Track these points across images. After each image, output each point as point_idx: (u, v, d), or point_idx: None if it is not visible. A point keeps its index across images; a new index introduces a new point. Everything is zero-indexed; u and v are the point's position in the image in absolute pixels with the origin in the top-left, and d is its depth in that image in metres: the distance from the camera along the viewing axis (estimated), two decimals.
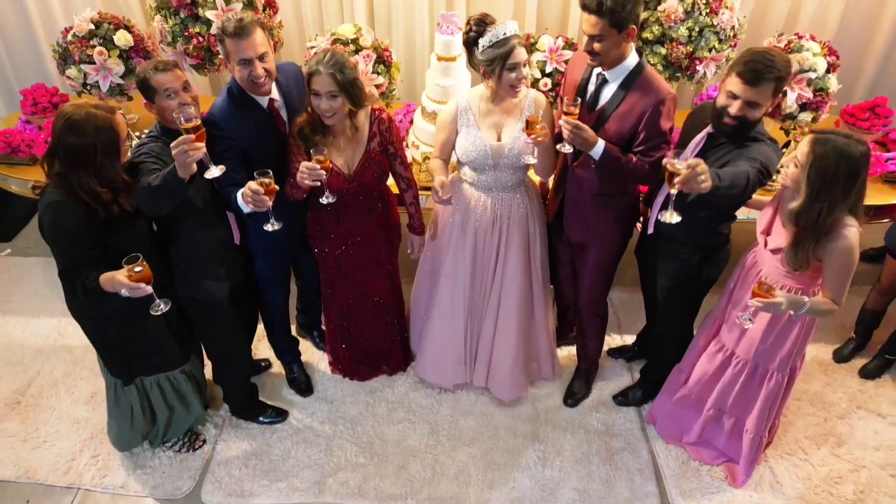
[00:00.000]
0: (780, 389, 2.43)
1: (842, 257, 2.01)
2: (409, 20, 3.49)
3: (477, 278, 2.78)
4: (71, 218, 2.03)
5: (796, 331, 2.28)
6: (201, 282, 2.43)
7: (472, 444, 2.86)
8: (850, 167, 1.92)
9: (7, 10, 3.78)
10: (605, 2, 2.06)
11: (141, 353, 2.43)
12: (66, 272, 2.07)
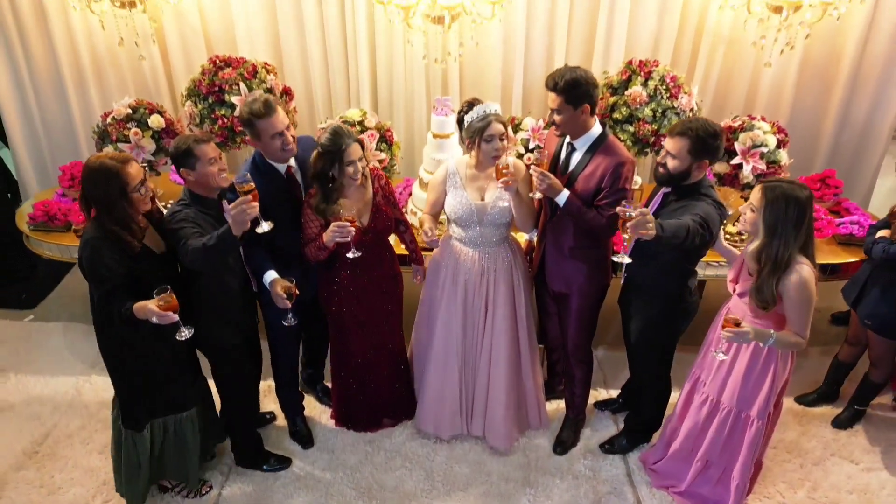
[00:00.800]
0: (760, 437, 2.61)
1: (799, 291, 2.27)
2: (408, 104, 3.96)
3: (468, 329, 3.02)
4: (103, 252, 2.30)
5: (771, 373, 2.49)
6: (218, 325, 2.68)
7: (465, 490, 3.01)
8: (798, 207, 2.23)
9: (50, 97, 4.25)
10: (560, 83, 2.47)
11: (159, 390, 2.62)
12: (101, 301, 2.33)
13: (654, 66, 3.44)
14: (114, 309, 2.30)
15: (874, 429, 3.33)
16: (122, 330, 2.38)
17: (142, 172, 2.39)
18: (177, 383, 2.67)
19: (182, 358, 2.65)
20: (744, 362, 2.52)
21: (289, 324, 2.56)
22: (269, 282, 2.57)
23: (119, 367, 2.59)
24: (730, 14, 3.79)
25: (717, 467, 2.76)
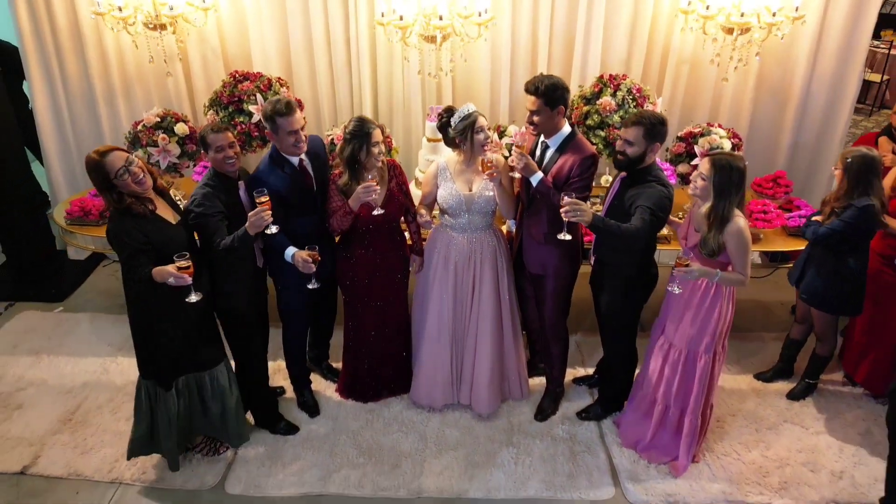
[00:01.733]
0: (708, 370, 3.00)
1: (738, 237, 2.73)
2: (405, 113, 4.41)
3: (457, 307, 3.41)
4: (123, 222, 2.71)
5: (717, 312, 2.90)
6: (231, 293, 3.05)
7: (455, 449, 3.37)
8: (739, 172, 2.71)
9: (81, 111, 4.70)
10: (540, 87, 2.91)
11: (182, 351, 2.97)
12: (125, 266, 2.72)
13: (623, 80, 3.90)
14: (134, 273, 2.68)
15: (824, 400, 3.70)
16: (145, 295, 2.78)
17: (123, 160, 2.68)
18: (198, 345, 3.02)
19: (202, 322, 3.03)
20: (693, 306, 2.93)
21: (313, 286, 2.97)
22: (290, 255, 2.96)
23: (146, 331, 2.93)
24: (691, 36, 4.26)
25: (674, 409, 3.14)
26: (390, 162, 3.30)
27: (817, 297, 3.36)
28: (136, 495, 3.12)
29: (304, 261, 2.91)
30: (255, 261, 3.15)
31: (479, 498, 3.10)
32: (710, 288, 2.90)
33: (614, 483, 3.19)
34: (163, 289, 2.70)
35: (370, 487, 3.15)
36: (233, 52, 4.54)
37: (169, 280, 2.62)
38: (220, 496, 3.12)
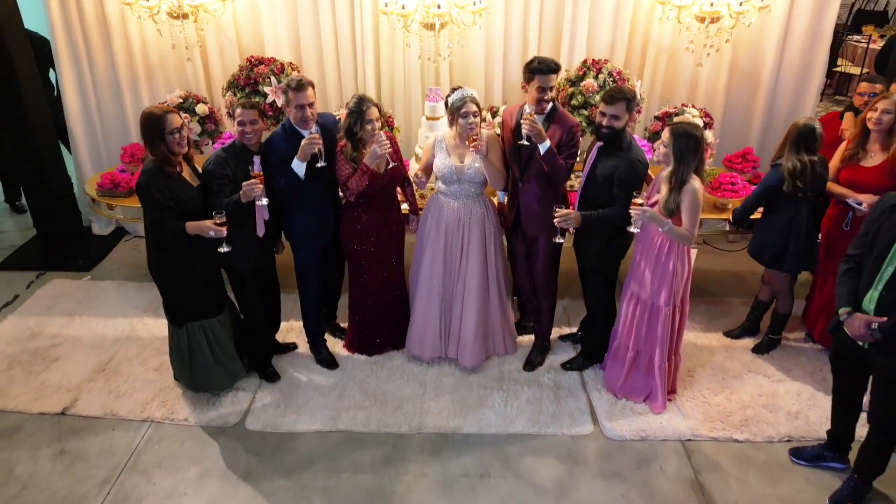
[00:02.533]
0: (668, 322, 3.38)
1: (691, 197, 3.09)
2: (406, 95, 4.79)
3: (447, 267, 3.78)
4: (155, 178, 3.10)
5: (671, 269, 3.28)
6: (236, 253, 3.36)
7: (451, 393, 3.75)
8: (695, 139, 3.08)
9: (107, 95, 5.08)
10: (554, 63, 3.30)
11: (190, 299, 3.40)
12: (154, 218, 3.12)
13: (604, 64, 4.30)
14: (162, 225, 3.08)
15: (786, 354, 4.08)
16: (169, 246, 3.20)
17: (179, 122, 3.14)
18: (208, 294, 3.46)
19: (212, 276, 3.44)
20: (652, 264, 3.30)
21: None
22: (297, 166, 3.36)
23: (165, 278, 3.37)
24: (668, 25, 4.64)
25: (643, 355, 3.52)
26: (387, 135, 3.67)
27: (764, 255, 3.75)
28: (165, 432, 3.50)
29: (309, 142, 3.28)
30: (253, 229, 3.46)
31: (472, 433, 3.48)
32: (664, 249, 3.27)
33: (593, 421, 3.57)
34: (187, 245, 3.13)
35: (375, 425, 3.53)
36: (247, 40, 4.92)
37: (209, 233, 3.06)
38: (241, 432, 3.50)
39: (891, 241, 2.64)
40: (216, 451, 3.37)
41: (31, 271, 5.02)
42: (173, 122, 3.13)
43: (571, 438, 3.46)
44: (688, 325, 4.18)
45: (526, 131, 3.28)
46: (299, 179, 3.34)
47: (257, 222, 3.46)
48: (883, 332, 2.66)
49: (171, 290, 3.42)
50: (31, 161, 4.85)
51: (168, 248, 3.26)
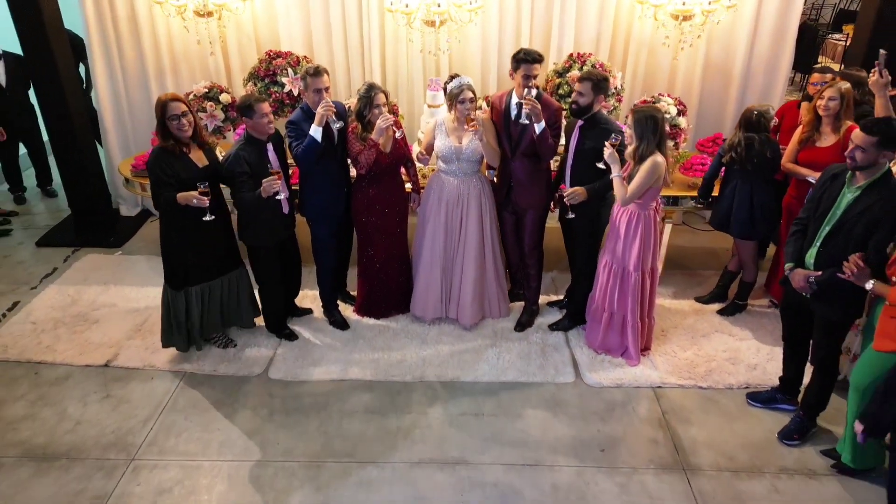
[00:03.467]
0: (638, 286, 3.85)
1: (646, 168, 3.55)
2: (409, 86, 5.26)
3: (448, 238, 4.24)
4: (160, 158, 3.55)
5: (639, 237, 3.74)
6: (255, 230, 3.89)
7: (450, 349, 4.21)
8: (654, 120, 3.53)
9: (135, 86, 5.55)
10: (537, 54, 3.76)
11: (192, 263, 3.83)
12: (152, 190, 3.57)
13: (588, 57, 4.76)
14: (157, 197, 3.53)
15: (751, 318, 4.54)
16: (166, 216, 3.67)
17: (179, 110, 3.50)
18: (205, 263, 3.89)
19: (213, 243, 3.84)
20: (622, 234, 3.77)
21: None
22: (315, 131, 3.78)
23: (168, 246, 3.81)
24: (647, 23, 5.10)
25: (617, 315, 3.98)
26: (396, 121, 4.14)
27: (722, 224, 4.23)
28: (197, 380, 3.97)
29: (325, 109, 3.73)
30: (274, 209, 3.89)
31: (468, 381, 3.95)
32: (632, 221, 3.74)
33: (575, 372, 4.04)
34: (179, 214, 3.58)
35: (382, 374, 4.00)
36: (263, 37, 5.39)
37: (192, 202, 3.49)
38: (265, 380, 3.97)
39: (830, 205, 3.10)
40: (243, 394, 3.85)
41: (66, 248, 5.49)
42: (173, 109, 3.52)
43: (556, 386, 3.93)
44: (663, 292, 4.72)
45: (527, 111, 3.71)
46: (317, 143, 3.76)
47: (282, 202, 3.91)
48: (819, 284, 3.13)
49: (171, 257, 3.84)
50: (69, 148, 5.32)
51: (166, 217, 3.72)
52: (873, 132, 2.86)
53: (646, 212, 3.73)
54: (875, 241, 2.94)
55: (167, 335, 4.05)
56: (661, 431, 3.59)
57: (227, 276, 4.03)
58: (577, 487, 3.23)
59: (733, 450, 3.47)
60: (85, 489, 3.22)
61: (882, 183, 2.96)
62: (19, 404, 3.77)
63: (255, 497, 3.17)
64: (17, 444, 3.49)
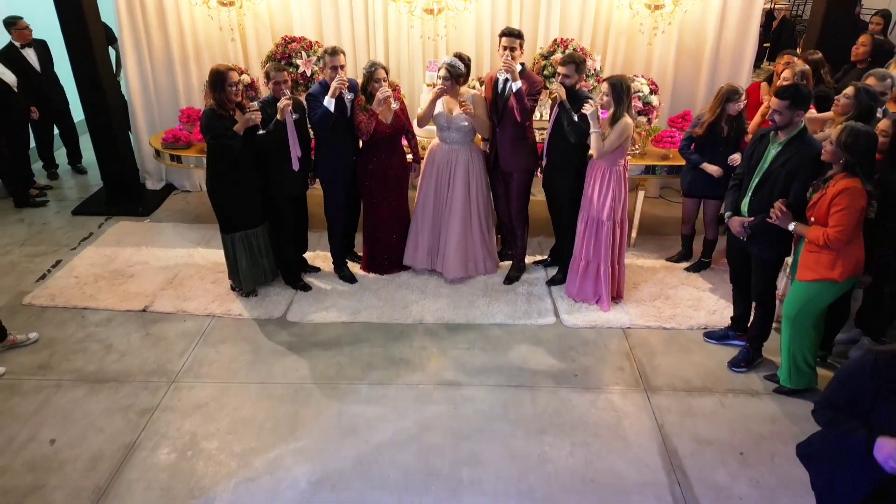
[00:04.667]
0: (610, 234, 4.41)
1: (620, 126, 4.12)
2: (410, 69, 5.82)
3: (437, 198, 4.79)
4: (210, 116, 4.13)
5: (612, 190, 4.30)
6: (273, 185, 4.47)
7: (446, 299, 4.77)
8: (625, 85, 4.11)
9: (161, 70, 6.11)
10: (515, 31, 4.32)
11: (235, 212, 4.43)
12: (213, 140, 4.14)
13: (570, 42, 5.31)
14: (221, 138, 4.09)
15: (714, 275, 5.09)
16: (224, 164, 4.25)
17: (237, 78, 4.18)
18: (252, 210, 4.49)
19: (256, 196, 4.47)
20: (597, 188, 4.33)
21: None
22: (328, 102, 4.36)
23: (218, 193, 4.39)
24: (625, 12, 5.66)
25: (592, 263, 4.55)
26: (397, 96, 4.70)
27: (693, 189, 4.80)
28: (225, 322, 4.53)
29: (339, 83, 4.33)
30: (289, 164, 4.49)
31: (462, 323, 4.52)
32: (606, 177, 4.31)
33: (555, 316, 4.60)
34: (229, 164, 4.20)
35: (387, 318, 4.57)
36: (278, 24, 5.95)
37: (249, 119, 4.14)
38: (284, 322, 4.53)
39: (759, 160, 3.66)
40: (266, 332, 4.42)
41: (99, 216, 6.06)
42: (232, 77, 4.17)
43: (538, 327, 4.50)
44: (638, 254, 5.28)
45: (504, 69, 4.31)
46: (330, 112, 4.34)
47: (292, 160, 4.48)
48: (752, 228, 3.69)
49: (220, 205, 4.44)
50: (103, 125, 5.89)
51: (216, 169, 4.31)
52: (784, 97, 3.43)
53: (616, 168, 4.29)
54: (795, 188, 3.50)
55: (230, 274, 4.72)
56: (628, 362, 4.16)
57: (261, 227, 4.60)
58: (553, 403, 3.80)
59: (689, 376, 4.04)
60: (133, 404, 3.79)
61: (798, 138, 3.53)
62: (70, 340, 4.34)
63: (278, 408, 3.74)
64: (72, 371, 4.06)
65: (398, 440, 3.53)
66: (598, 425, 3.64)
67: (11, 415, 3.71)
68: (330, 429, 3.60)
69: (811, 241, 3.42)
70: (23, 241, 5.63)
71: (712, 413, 3.75)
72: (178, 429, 3.61)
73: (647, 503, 3.18)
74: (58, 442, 3.51)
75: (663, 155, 5.22)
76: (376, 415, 3.70)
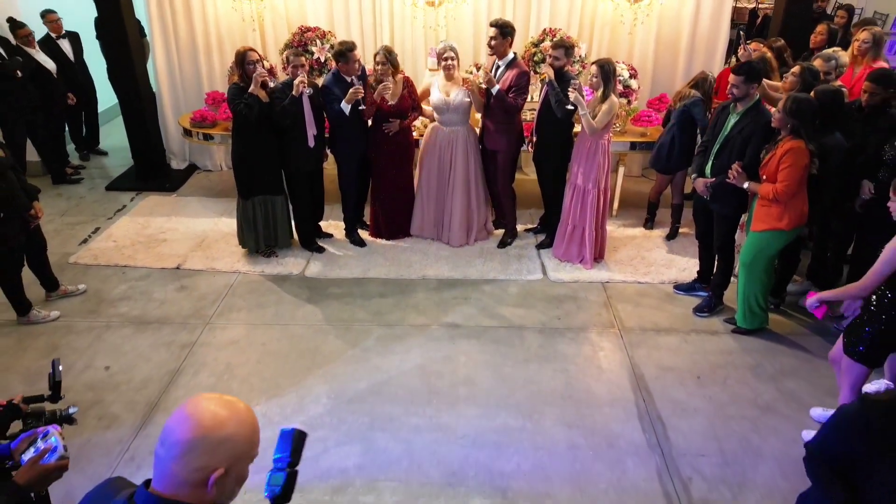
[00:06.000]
0: (595, 201, 4.98)
1: (608, 105, 4.67)
2: (414, 56, 6.40)
3: (440, 175, 5.37)
4: (236, 90, 4.71)
5: (597, 161, 4.87)
6: (291, 158, 5.04)
7: (446, 260, 5.35)
8: (611, 67, 4.68)
9: (186, 59, 6.69)
10: (498, 22, 4.90)
11: (259, 178, 4.99)
12: (236, 109, 4.69)
13: (557, 31, 5.90)
14: (241, 105, 4.64)
15: (688, 241, 5.65)
16: (241, 135, 4.83)
17: (255, 57, 4.77)
18: (269, 178, 5.06)
19: (274, 166, 5.04)
20: (583, 159, 4.91)
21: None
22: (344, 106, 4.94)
23: (238, 161, 4.97)
24: (609, 5, 6.25)
25: (577, 227, 5.13)
26: (406, 79, 5.28)
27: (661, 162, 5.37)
28: (249, 278, 5.11)
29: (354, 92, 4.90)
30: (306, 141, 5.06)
31: (459, 279, 5.10)
32: (592, 150, 4.88)
33: (543, 273, 5.18)
34: (253, 131, 4.79)
35: (394, 275, 5.15)
36: (292, 17, 6.53)
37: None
38: (302, 278, 5.11)
39: (720, 128, 4.24)
40: (286, 286, 5.00)
41: (130, 192, 6.64)
42: (251, 56, 4.77)
43: (527, 281, 5.08)
44: (620, 223, 5.85)
45: (484, 80, 4.96)
46: (345, 115, 4.94)
47: (308, 137, 5.06)
48: (713, 188, 4.27)
49: (241, 171, 5.01)
50: (135, 108, 6.48)
51: (240, 138, 4.88)
52: (739, 72, 4.01)
53: (601, 141, 4.87)
54: (749, 152, 4.08)
55: (242, 236, 5.26)
56: (605, 309, 4.74)
57: (280, 196, 5.17)
58: (538, 339, 4.38)
59: (657, 319, 4.62)
60: (174, 340, 4.37)
61: (754, 108, 4.11)
62: (114, 291, 4.92)
63: (300, 344, 4.32)
64: (119, 315, 4.65)
65: (404, 368, 4.11)
66: (576, 356, 4.22)
67: (69, 348, 4.29)
68: (346, 360, 4.18)
69: (763, 196, 4.00)
70: (63, 212, 6.21)
71: (676, 347, 4.33)
72: (215, 359, 4.19)
73: (616, 413, 3.76)
74: (111, 368, 4.10)
75: (642, 133, 5.80)
76: (386, 348, 4.28)
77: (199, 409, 1.39)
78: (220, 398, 1.44)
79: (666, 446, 3.53)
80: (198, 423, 1.37)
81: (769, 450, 3.51)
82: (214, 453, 1.37)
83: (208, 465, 1.37)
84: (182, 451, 1.36)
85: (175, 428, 1.38)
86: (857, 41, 5.05)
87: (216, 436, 1.37)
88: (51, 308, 4.66)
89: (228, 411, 1.41)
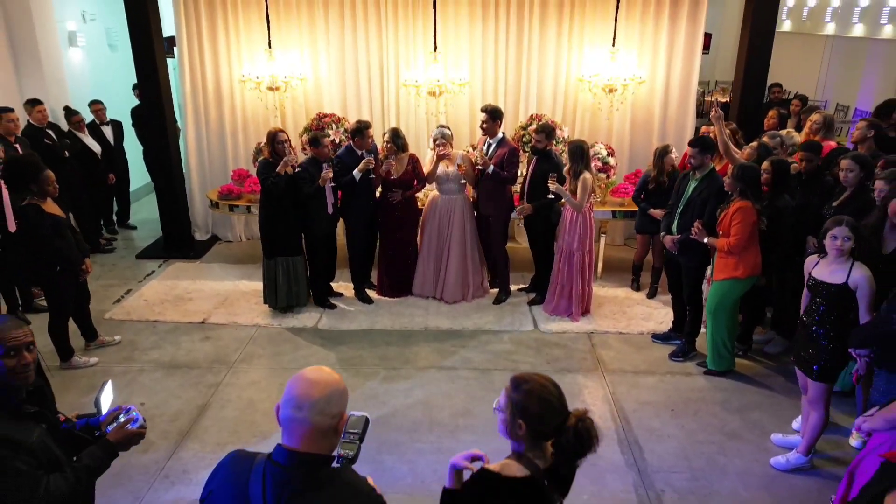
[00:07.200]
0: (580, 262, 5.59)
1: (581, 181, 5.35)
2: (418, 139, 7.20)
3: (439, 239, 6.03)
4: (264, 164, 5.45)
5: (578, 228, 5.51)
6: (310, 224, 5.72)
7: (446, 314, 5.91)
8: (581, 148, 5.40)
9: (215, 141, 7.52)
10: (488, 109, 5.71)
11: (282, 241, 5.63)
12: (265, 184, 5.40)
13: (543, 116, 6.74)
14: (268, 181, 5.35)
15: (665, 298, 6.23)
16: (273, 203, 5.50)
17: (285, 137, 5.53)
18: (291, 240, 5.70)
19: (295, 230, 5.70)
20: (569, 228, 5.55)
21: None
22: (356, 174, 5.66)
23: (264, 224, 5.64)
24: (587, 94, 7.13)
25: (566, 286, 5.71)
26: (412, 156, 6.04)
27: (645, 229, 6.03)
28: (267, 331, 5.66)
29: (365, 163, 5.62)
30: (326, 209, 5.78)
31: (457, 329, 5.64)
32: (575, 218, 5.54)
33: (534, 325, 5.73)
34: (277, 201, 5.46)
35: (398, 327, 5.69)
36: (311, 105, 7.41)
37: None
38: (315, 330, 5.66)
39: (682, 192, 4.92)
40: (301, 337, 5.54)
41: (158, 259, 7.28)
42: (281, 137, 5.54)
43: (519, 332, 5.62)
44: (603, 284, 6.44)
45: (480, 162, 5.71)
46: (355, 182, 5.67)
47: (328, 205, 5.76)
48: (679, 244, 4.90)
49: (267, 234, 5.67)
50: (168, 186, 7.25)
51: (268, 203, 5.55)
52: (694, 145, 4.74)
53: (583, 210, 5.55)
54: (707, 211, 4.74)
55: (265, 294, 5.85)
56: (590, 354, 5.26)
57: (299, 257, 5.80)
58: None
59: (636, 363, 5.12)
60: (201, 381, 4.87)
61: (709, 175, 4.81)
62: (146, 342, 5.46)
63: None
64: (150, 361, 5.16)
65: (408, 402, 4.59)
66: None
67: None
68: (355, 396, 4.66)
69: (720, 249, 4.61)
70: (98, 276, 6.81)
71: (653, 386, 4.82)
72: (239, 396, 4.68)
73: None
74: (146, 404, 4.58)
75: (620, 203, 6.50)
76: (391, 387, 4.77)
77: (315, 375, 1.76)
78: (317, 367, 1.81)
79: (642, 464, 3.97)
80: (325, 382, 1.74)
81: (733, 468, 3.95)
82: (340, 401, 1.76)
83: (339, 412, 1.75)
84: (321, 406, 1.71)
85: (308, 392, 1.72)
86: (811, 122, 5.82)
87: (340, 387, 1.77)
88: (90, 356, 5.18)
89: (331, 372, 1.80)
